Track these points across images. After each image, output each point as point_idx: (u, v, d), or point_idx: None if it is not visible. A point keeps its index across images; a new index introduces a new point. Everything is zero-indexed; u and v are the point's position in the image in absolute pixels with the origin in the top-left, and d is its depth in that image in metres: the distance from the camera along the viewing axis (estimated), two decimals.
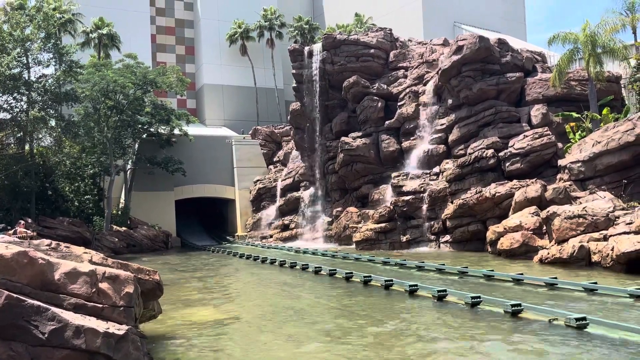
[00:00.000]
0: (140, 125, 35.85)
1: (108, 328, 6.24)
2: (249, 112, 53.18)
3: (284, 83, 53.69)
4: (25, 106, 31.19)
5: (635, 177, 19.06)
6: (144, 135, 37.46)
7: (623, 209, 17.80)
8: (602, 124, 21.54)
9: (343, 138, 30.82)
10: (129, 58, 35.52)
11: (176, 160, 37.26)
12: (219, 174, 40.93)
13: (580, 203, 19.03)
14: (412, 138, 28.95)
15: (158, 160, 36.74)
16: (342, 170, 30.98)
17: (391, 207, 26.47)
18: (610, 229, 16.30)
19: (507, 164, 23.61)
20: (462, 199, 23.51)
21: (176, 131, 37.79)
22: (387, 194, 28.17)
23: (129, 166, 36.98)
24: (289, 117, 37.36)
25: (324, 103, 32.98)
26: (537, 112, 24.54)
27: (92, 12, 44.30)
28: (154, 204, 37.64)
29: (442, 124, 27.30)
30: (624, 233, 15.46)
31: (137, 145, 37.39)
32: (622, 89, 25.15)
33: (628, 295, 10.69)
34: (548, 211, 19.28)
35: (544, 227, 19.27)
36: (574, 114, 23.44)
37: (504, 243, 19.60)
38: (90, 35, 43.79)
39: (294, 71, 34.78)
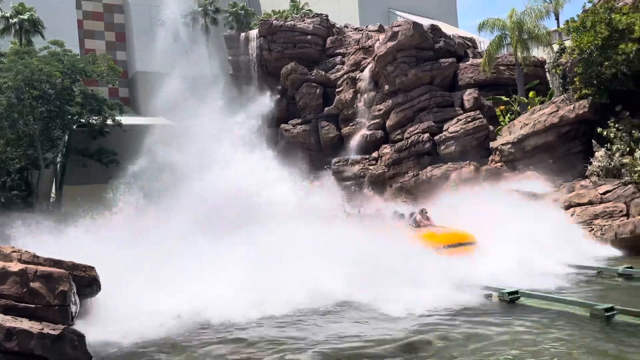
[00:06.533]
0: (70, 116, 34.17)
1: (42, 329, 6.01)
2: (185, 100, 51.89)
3: (221, 70, 52.68)
4: None
5: (560, 156, 20.23)
6: (75, 126, 35.74)
7: (549, 187, 18.90)
8: (529, 107, 22.63)
9: (283, 125, 30.75)
10: (55, 45, 33.68)
11: (110, 152, 35.88)
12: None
13: (511, 183, 20.01)
14: (351, 124, 29.28)
15: (91, 152, 35.26)
16: (282, 158, 30.89)
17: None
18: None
19: (442, 147, 24.39)
20: (401, 183, 24.20)
21: (109, 121, 36.32)
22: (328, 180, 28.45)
23: (59, 159, 35.28)
24: (226, 106, 36.74)
25: (263, 90, 32.67)
26: (469, 96, 25.43)
27: None
28: (88, 198, 36.15)
29: (379, 110, 27.78)
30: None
31: (67, 137, 35.68)
32: (547, 73, 26.47)
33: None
34: None
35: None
36: (504, 98, 24.48)
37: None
38: (11, 20, 41.10)
39: (230, 58, 34.24)
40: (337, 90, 30.26)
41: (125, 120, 38.68)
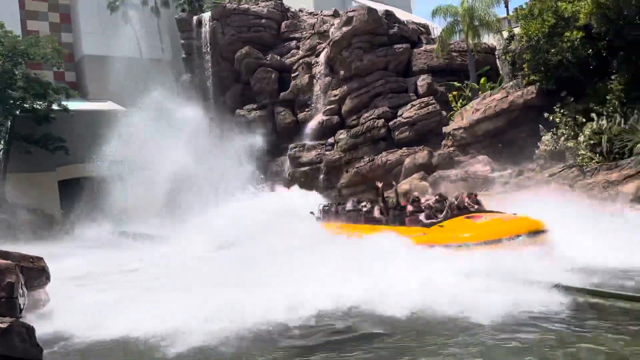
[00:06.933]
0: (12, 101, 32.61)
1: None
2: (136, 84, 50.29)
3: (173, 54, 51.33)
4: None
5: (509, 140, 20.88)
6: (18, 112, 34.13)
7: (499, 170, 19.53)
8: (480, 92, 23.19)
9: (238, 110, 30.36)
10: None
11: (57, 138, 34.48)
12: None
13: (463, 167, 20.58)
14: (307, 109, 29.21)
15: (36, 138, 33.78)
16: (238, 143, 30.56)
17: (289, 178, 26.72)
18: (489, 190, 17.81)
19: (397, 133, 24.72)
20: (357, 168, 24.42)
21: (55, 106, 34.85)
22: (285, 165, 28.38)
23: (1, 146, 33.66)
24: (179, 90, 35.95)
25: (217, 75, 32.13)
26: (422, 82, 25.79)
27: None
28: (33, 186, 34.71)
29: (335, 95, 27.82)
30: (502, 192, 16.97)
31: (9, 123, 34.04)
32: (497, 59, 27.15)
33: None
34: (435, 175, 20.64)
35: (432, 191, 20.58)
36: (456, 84, 24.98)
37: None
38: None
39: (182, 42, 33.43)
40: (292, 75, 30.07)
41: (73, 105, 37.21)
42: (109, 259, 17.19)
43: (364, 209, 14.88)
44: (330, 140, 27.27)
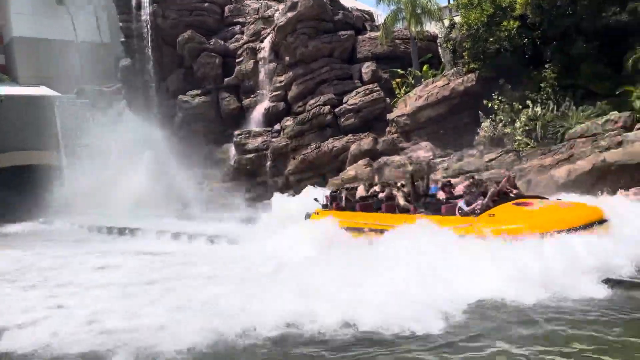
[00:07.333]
0: None
1: None
2: (71, 69, 47.97)
3: (111, 37, 49.25)
4: None
5: (451, 127, 21.44)
6: None
7: (441, 156, 20.06)
8: (423, 80, 23.64)
9: (180, 96, 29.62)
10: None
11: None
12: (38, 139, 36.66)
13: (407, 153, 21.00)
14: (252, 95, 28.86)
15: None
16: (181, 130, 29.88)
17: (235, 165, 26.41)
18: (431, 175, 18.26)
19: (343, 120, 24.86)
20: (303, 155, 24.44)
21: None
22: (230, 152, 28.01)
23: None
24: (119, 75, 34.67)
25: (158, 60, 31.15)
26: (367, 69, 25.99)
27: None
28: None
29: (280, 81, 27.61)
30: (443, 178, 17.43)
31: None
32: (439, 47, 27.72)
33: None
34: (379, 162, 20.97)
35: (377, 177, 20.92)
36: (400, 71, 25.34)
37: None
38: None
39: (121, 24, 32.13)
40: (237, 60, 29.59)
41: (2, 90, 35.18)
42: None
43: (382, 195, 12.87)
44: (277, 127, 27.12)
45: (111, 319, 7.71)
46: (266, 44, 28.83)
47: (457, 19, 22.49)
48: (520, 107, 18.18)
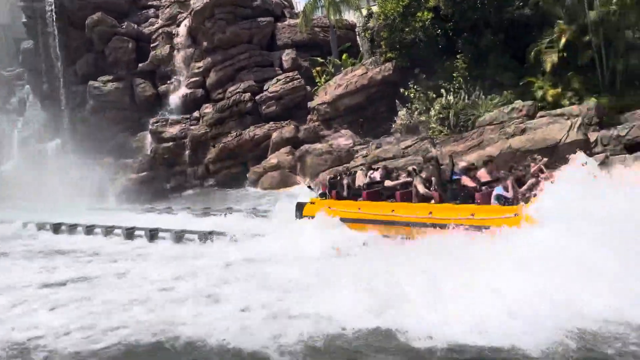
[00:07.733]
0: None
1: None
2: None
3: (12, 17, 45.46)
4: None
5: (369, 115, 21.96)
6: None
7: (360, 144, 20.49)
8: (342, 68, 23.95)
9: (91, 82, 28.01)
10: None
11: None
12: None
13: (328, 141, 21.25)
14: (169, 82, 27.85)
15: None
16: (92, 118, 28.28)
17: (152, 154, 25.49)
18: (351, 162, 18.64)
19: (264, 107, 24.69)
20: (224, 143, 24.04)
21: None
22: (146, 141, 26.94)
23: None
24: (20, 59, 32.22)
25: (65, 43, 29.18)
26: (287, 56, 25.92)
27: None
28: None
29: (199, 67, 26.87)
30: (362, 165, 17.82)
31: None
32: (357, 36, 28.17)
33: None
34: (301, 150, 21.07)
35: (299, 165, 21.05)
36: (319, 59, 25.50)
37: (265, 182, 20.87)
38: None
39: (22, 3, 29.77)
40: (152, 45, 28.40)
41: None
42: None
43: (397, 182, 11.32)
44: (195, 114, 26.40)
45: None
46: (182, 28, 27.90)
47: (375, 9, 22.94)
48: (434, 96, 18.92)
